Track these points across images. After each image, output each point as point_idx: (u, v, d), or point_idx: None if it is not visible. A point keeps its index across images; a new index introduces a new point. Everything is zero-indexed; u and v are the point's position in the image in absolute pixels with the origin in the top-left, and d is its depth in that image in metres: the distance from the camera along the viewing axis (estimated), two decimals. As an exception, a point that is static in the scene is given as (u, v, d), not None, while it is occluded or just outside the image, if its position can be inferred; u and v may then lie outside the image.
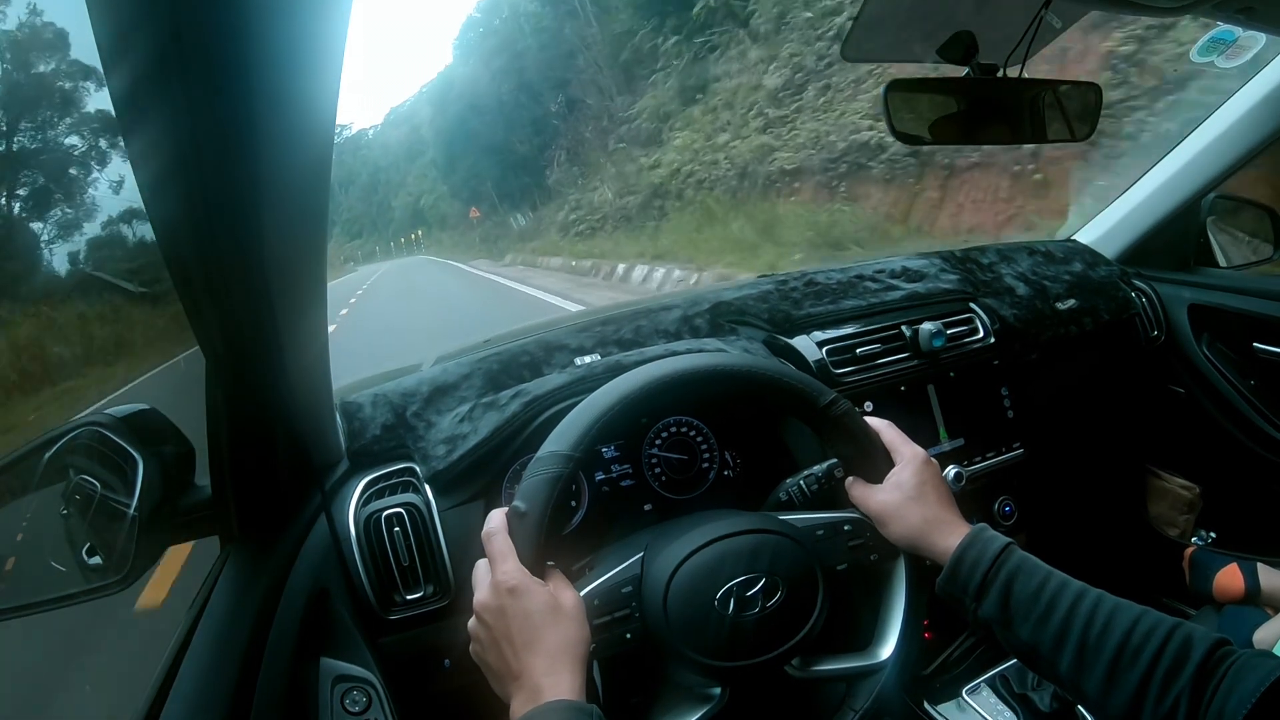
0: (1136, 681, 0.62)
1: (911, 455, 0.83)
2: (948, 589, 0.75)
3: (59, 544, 0.80)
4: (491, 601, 0.69)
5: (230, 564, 0.79)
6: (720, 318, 1.25)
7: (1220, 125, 1.41)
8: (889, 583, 0.84)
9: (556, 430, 0.74)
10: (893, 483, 0.81)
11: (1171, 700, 0.60)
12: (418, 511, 0.93)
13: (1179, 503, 1.54)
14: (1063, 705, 1.04)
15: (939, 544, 0.76)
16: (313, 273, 0.65)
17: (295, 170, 0.53)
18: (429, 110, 45.92)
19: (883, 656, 0.81)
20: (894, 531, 0.80)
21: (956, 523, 0.78)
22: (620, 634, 0.72)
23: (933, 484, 0.81)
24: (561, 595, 0.69)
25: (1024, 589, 0.70)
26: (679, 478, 1.08)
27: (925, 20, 1.06)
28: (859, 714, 0.78)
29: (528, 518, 0.70)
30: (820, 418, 0.82)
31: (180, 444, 0.79)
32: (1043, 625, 0.68)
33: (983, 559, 0.73)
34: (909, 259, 1.45)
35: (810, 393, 0.82)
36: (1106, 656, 0.64)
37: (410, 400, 1.03)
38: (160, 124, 0.44)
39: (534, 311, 10.02)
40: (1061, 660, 0.67)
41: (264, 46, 0.42)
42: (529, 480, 0.71)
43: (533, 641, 0.66)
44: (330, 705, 0.78)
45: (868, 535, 0.82)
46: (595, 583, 0.73)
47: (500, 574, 0.69)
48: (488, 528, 0.73)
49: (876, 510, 0.81)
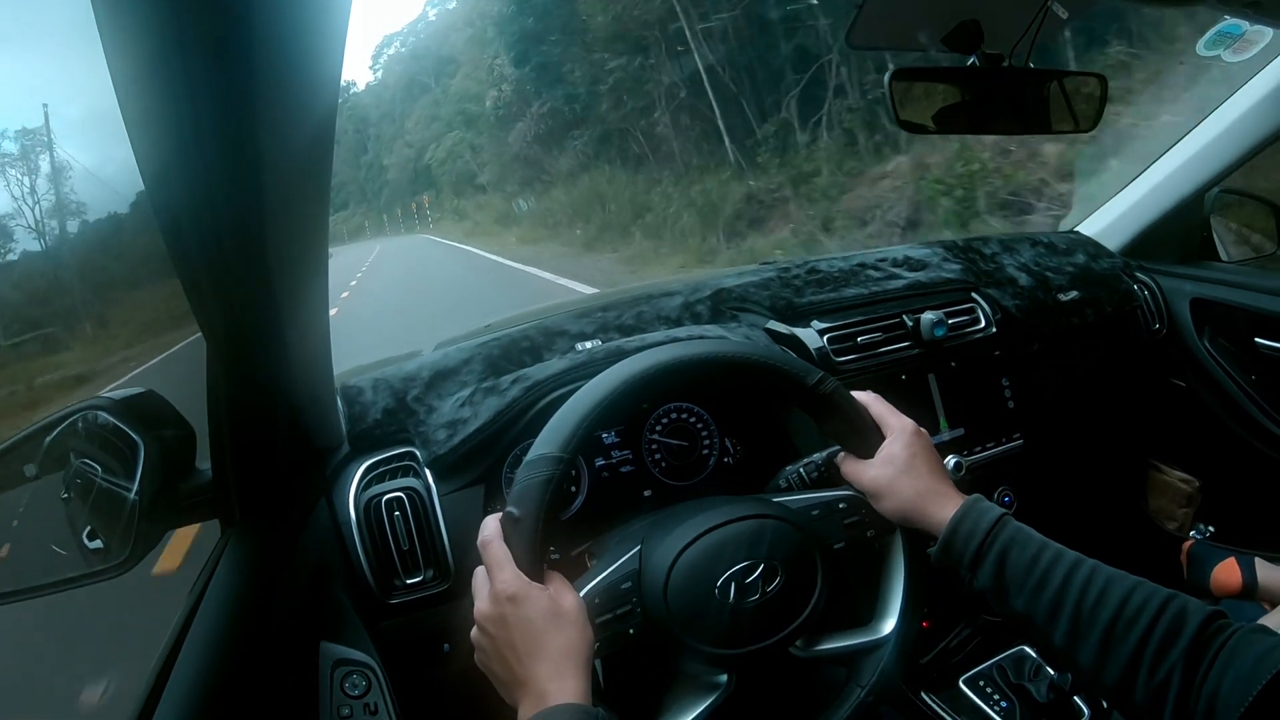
0: (1129, 653, 0.62)
1: (900, 427, 0.83)
2: (943, 559, 0.75)
3: (60, 528, 0.80)
4: (492, 611, 0.68)
5: (231, 548, 0.79)
6: (722, 304, 1.25)
7: (1225, 119, 1.41)
8: (887, 558, 0.84)
9: (545, 430, 0.73)
10: (883, 457, 0.81)
11: (1165, 672, 0.60)
12: (418, 496, 0.93)
13: (1178, 496, 1.54)
14: (1059, 695, 1.05)
15: (934, 515, 0.76)
16: (314, 255, 0.65)
17: (296, 151, 0.53)
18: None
19: (885, 631, 0.81)
20: (888, 506, 0.80)
21: (950, 493, 0.78)
22: (623, 630, 0.72)
23: (923, 455, 0.81)
24: (562, 599, 0.69)
25: (1019, 560, 0.70)
26: (679, 464, 1.08)
27: (930, 9, 1.05)
28: (865, 689, 0.78)
29: (522, 523, 0.70)
30: (809, 397, 0.82)
31: (181, 427, 0.79)
32: (1037, 596, 0.68)
33: (977, 529, 0.73)
34: (911, 248, 1.45)
35: (797, 373, 0.81)
36: (1100, 628, 0.64)
37: (411, 385, 1.03)
38: (161, 104, 0.44)
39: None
40: (1056, 631, 0.67)
41: (265, 23, 0.41)
42: (521, 484, 0.71)
43: (536, 648, 0.66)
44: (330, 689, 0.78)
45: (863, 512, 0.82)
46: (594, 581, 0.73)
47: (499, 583, 0.68)
48: (483, 535, 0.72)
49: (869, 486, 0.81)
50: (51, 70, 32.79)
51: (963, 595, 0.75)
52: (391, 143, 58.99)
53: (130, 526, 0.74)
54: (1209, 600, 1.17)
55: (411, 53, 56.81)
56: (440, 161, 41.43)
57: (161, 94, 0.43)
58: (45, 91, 31.73)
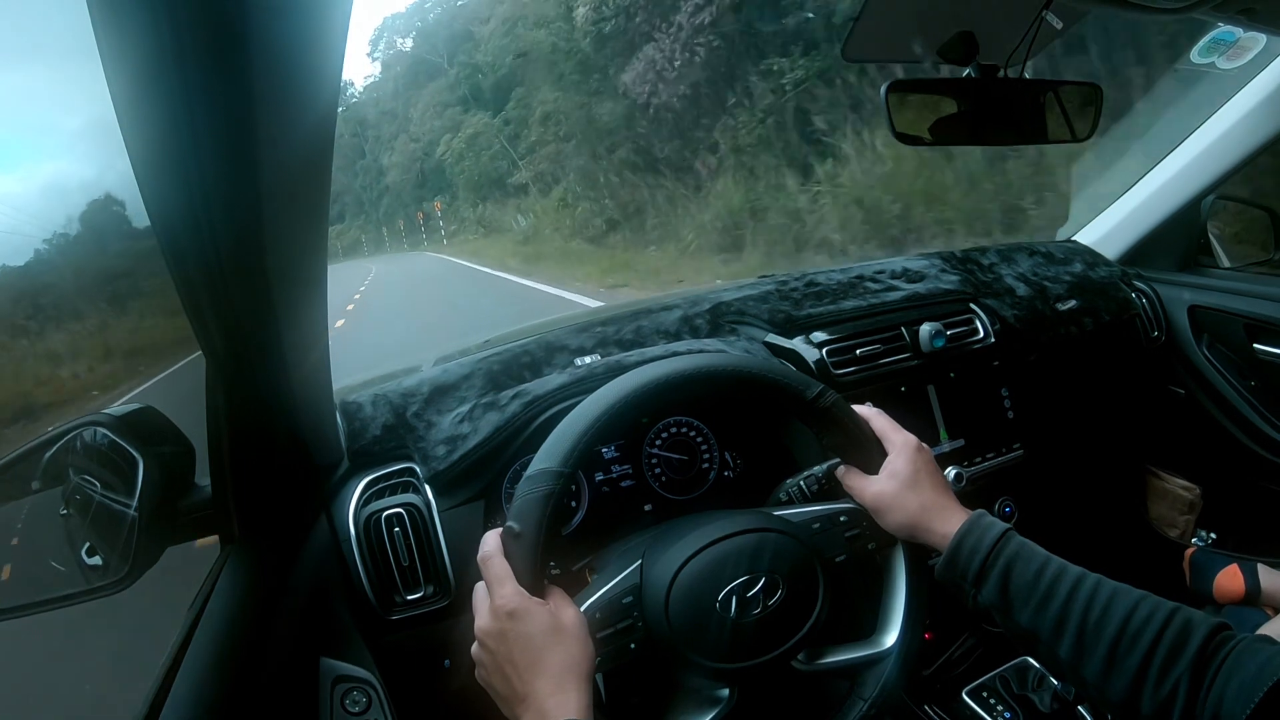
0: (1135, 666, 0.62)
1: (903, 443, 0.83)
2: (947, 575, 0.75)
3: (59, 544, 0.80)
4: (492, 627, 0.68)
5: (230, 564, 0.78)
6: (720, 318, 1.25)
7: (1221, 126, 1.41)
8: (889, 570, 0.84)
9: (545, 445, 0.73)
10: (888, 472, 0.81)
11: (1170, 685, 0.60)
12: (418, 512, 0.93)
13: (1179, 503, 1.54)
14: (1062, 706, 1.05)
15: (937, 530, 0.76)
16: (313, 271, 0.65)
17: (294, 164, 0.53)
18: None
19: (888, 644, 0.81)
20: (891, 521, 0.80)
21: (954, 508, 0.78)
22: (624, 644, 0.72)
23: (927, 470, 0.81)
24: (562, 614, 0.68)
25: (1023, 575, 0.70)
26: (679, 478, 1.08)
27: (926, 20, 1.05)
28: (867, 703, 0.78)
29: (523, 538, 0.70)
30: (809, 410, 0.82)
31: (180, 443, 0.79)
32: (1042, 611, 0.68)
33: (981, 545, 0.73)
34: (909, 259, 1.45)
35: (797, 386, 0.81)
36: (1105, 641, 0.64)
37: (410, 400, 1.03)
38: (159, 116, 0.44)
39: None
40: (1061, 646, 0.67)
41: (263, 35, 0.42)
42: (521, 500, 0.71)
43: (536, 663, 0.65)
44: (330, 705, 0.78)
45: (864, 525, 0.82)
46: (595, 596, 0.73)
47: (499, 598, 0.68)
48: (483, 551, 0.72)
49: (873, 500, 0.81)
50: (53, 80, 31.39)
51: (966, 610, 0.75)
52: (392, 141, 45.60)
53: (129, 543, 0.73)
54: (1212, 607, 1.17)
55: (420, 30, 42.93)
56: (458, 157, 30.73)
57: (159, 106, 0.43)
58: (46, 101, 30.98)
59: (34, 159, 33.16)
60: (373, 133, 50.32)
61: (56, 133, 25.55)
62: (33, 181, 23.90)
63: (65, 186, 20.74)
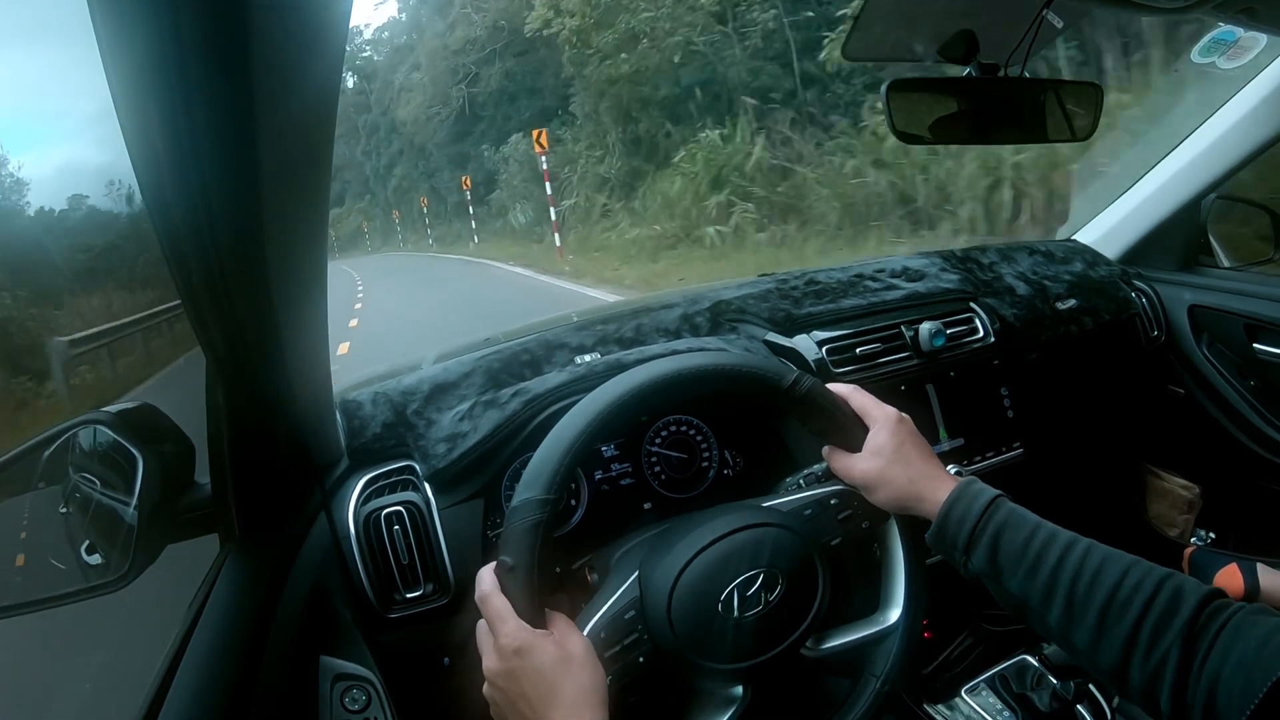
0: (1125, 634, 0.61)
1: (884, 417, 0.81)
2: (937, 544, 0.75)
3: (58, 542, 0.80)
4: (500, 666, 0.67)
5: (230, 563, 0.78)
6: (720, 317, 1.25)
7: (1221, 126, 1.41)
8: (886, 546, 0.84)
9: (526, 473, 0.72)
10: (871, 449, 0.80)
11: (1161, 653, 0.59)
12: (417, 510, 0.93)
13: (1178, 503, 1.54)
14: (1062, 705, 1.04)
15: (928, 500, 0.76)
16: (313, 269, 0.65)
17: (295, 161, 0.53)
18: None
19: (892, 620, 0.81)
20: (881, 497, 0.79)
21: (942, 476, 0.77)
22: (633, 659, 0.72)
23: (911, 442, 0.80)
24: (569, 642, 0.67)
25: (1012, 541, 0.69)
26: (679, 476, 1.08)
27: (926, 19, 1.06)
28: (880, 679, 0.78)
29: (517, 571, 0.69)
30: (787, 399, 0.81)
31: (180, 442, 0.79)
32: (1032, 578, 0.67)
33: (970, 513, 0.72)
34: (909, 258, 1.45)
35: (772, 375, 0.80)
36: (1095, 608, 0.63)
37: (410, 398, 1.03)
38: (159, 116, 0.44)
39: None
40: (1051, 613, 0.66)
41: (263, 30, 0.42)
42: (510, 532, 0.70)
43: (549, 695, 0.65)
44: (330, 704, 0.78)
45: (855, 505, 0.82)
46: (597, 616, 0.73)
47: (503, 637, 0.67)
48: (480, 590, 0.71)
49: (861, 479, 0.80)
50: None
51: (959, 579, 0.75)
52: (401, 94, 29.02)
53: (129, 541, 0.73)
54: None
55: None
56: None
57: (159, 102, 0.43)
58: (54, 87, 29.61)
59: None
60: (380, 81, 33.75)
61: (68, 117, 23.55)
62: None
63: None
